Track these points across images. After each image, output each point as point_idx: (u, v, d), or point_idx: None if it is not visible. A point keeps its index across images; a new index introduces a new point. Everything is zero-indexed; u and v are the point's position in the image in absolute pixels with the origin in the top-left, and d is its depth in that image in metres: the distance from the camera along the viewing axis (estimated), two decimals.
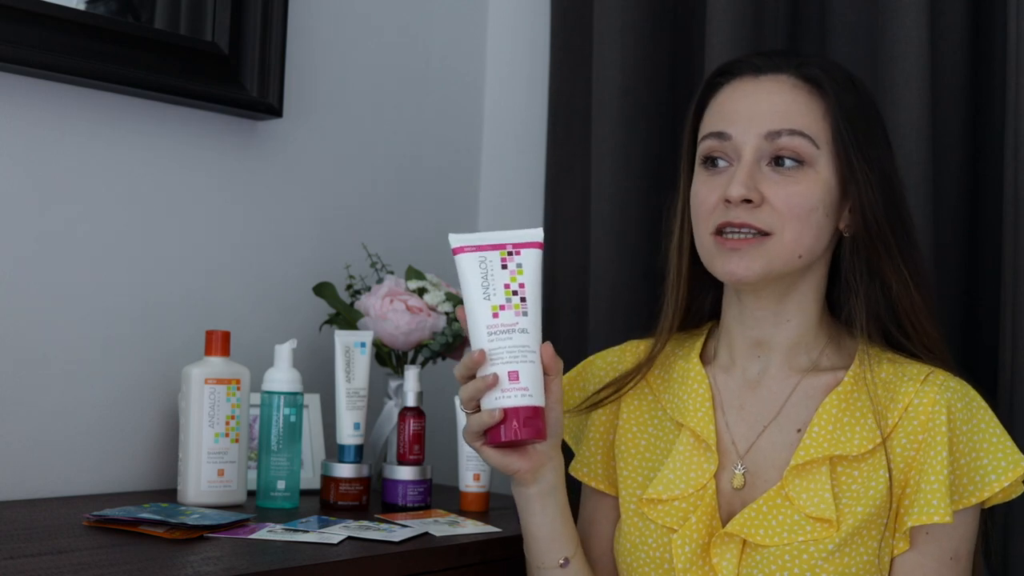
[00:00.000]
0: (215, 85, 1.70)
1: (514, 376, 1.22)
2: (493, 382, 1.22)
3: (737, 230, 1.26)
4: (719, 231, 1.28)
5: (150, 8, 1.67)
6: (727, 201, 1.26)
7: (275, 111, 1.77)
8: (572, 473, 1.42)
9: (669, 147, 1.87)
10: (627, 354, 1.44)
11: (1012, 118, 1.52)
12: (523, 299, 1.24)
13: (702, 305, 1.41)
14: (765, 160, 1.28)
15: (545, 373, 1.25)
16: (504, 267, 1.25)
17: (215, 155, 1.76)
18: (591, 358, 1.47)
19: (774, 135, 1.27)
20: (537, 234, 1.27)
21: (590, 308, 1.87)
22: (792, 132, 1.27)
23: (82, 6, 1.60)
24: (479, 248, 1.26)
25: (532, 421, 1.22)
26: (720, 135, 1.30)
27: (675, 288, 1.37)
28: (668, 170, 1.86)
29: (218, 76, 1.71)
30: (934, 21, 1.61)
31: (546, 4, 2.08)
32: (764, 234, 1.26)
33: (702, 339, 1.40)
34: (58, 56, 1.54)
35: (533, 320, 1.24)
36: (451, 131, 2.10)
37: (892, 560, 1.25)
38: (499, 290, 1.25)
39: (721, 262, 1.28)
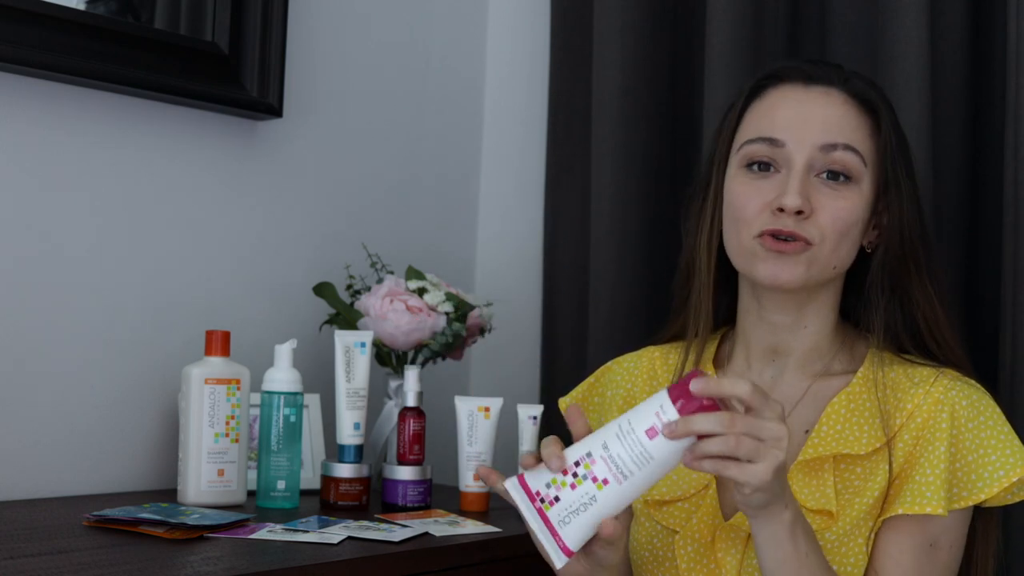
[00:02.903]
0: (215, 85, 1.70)
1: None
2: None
3: (785, 238, 1.26)
4: (770, 236, 1.26)
5: (150, 8, 1.67)
6: (780, 209, 1.26)
7: (275, 111, 1.77)
8: None
9: (669, 147, 1.88)
10: (643, 360, 1.44)
11: (1012, 118, 1.52)
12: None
13: (719, 309, 1.41)
14: (815, 171, 1.28)
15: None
16: None
17: (215, 155, 1.76)
18: (609, 364, 1.48)
19: (829, 148, 1.27)
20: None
21: (590, 308, 1.88)
22: (847, 147, 1.27)
23: (82, 6, 1.60)
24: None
25: None
26: (772, 141, 1.29)
27: (707, 286, 1.35)
28: (668, 170, 1.87)
29: (218, 76, 1.71)
30: (934, 21, 1.61)
31: (546, 4, 2.08)
32: (807, 242, 1.26)
33: (715, 343, 1.41)
34: (58, 56, 1.54)
35: None
36: (451, 131, 2.10)
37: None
38: None
39: (765, 265, 1.27)
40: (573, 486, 1.12)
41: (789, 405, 1.33)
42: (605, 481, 1.11)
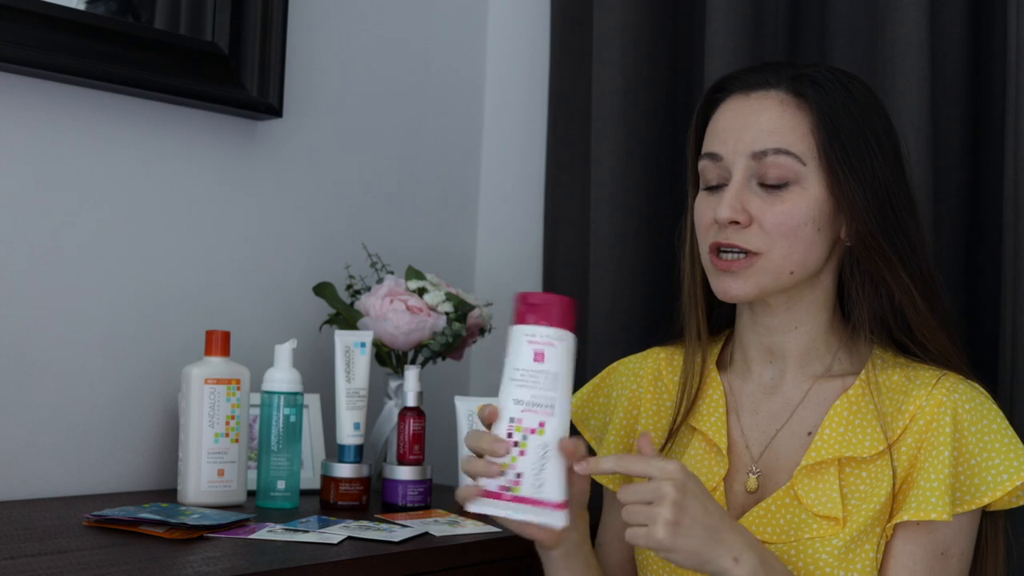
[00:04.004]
0: (215, 85, 1.70)
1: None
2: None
3: (728, 250, 1.29)
4: (715, 250, 1.30)
5: (150, 8, 1.67)
6: (716, 222, 1.28)
7: (275, 111, 1.77)
8: (595, 479, 1.42)
9: (669, 147, 1.88)
10: (648, 361, 1.45)
11: (1012, 118, 1.52)
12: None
13: (720, 312, 1.42)
14: (755, 179, 1.29)
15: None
16: None
17: (215, 155, 1.76)
18: (614, 364, 1.48)
19: (760, 155, 1.28)
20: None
21: (590, 308, 1.87)
22: (777, 151, 1.28)
23: (82, 6, 1.60)
24: None
25: None
26: (712, 156, 1.32)
27: (692, 299, 1.38)
28: (668, 170, 1.87)
29: (218, 76, 1.71)
30: (934, 21, 1.61)
31: (546, 4, 2.08)
32: (753, 254, 1.28)
33: (719, 346, 1.42)
34: (58, 56, 1.54)
35: None
36: (451, 131, 2.10)
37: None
38: None
39: (716, 281, 1.31)
40: (523, 452, 1.14)
41: (790, 407, 1.33)
42: (541, 424, 1.14)
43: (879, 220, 1.28)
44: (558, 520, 1.15)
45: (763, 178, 1.28)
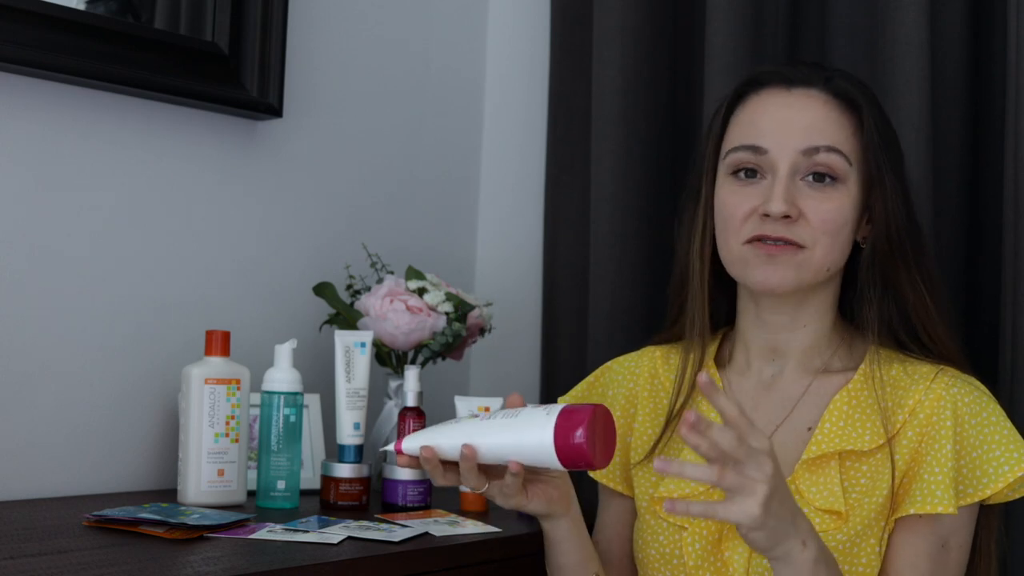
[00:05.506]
0: (215, 85, 1.70)
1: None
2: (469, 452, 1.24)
3: (773, 242, 1.28)
4: (755, 241, 1.28)
5: (150, 8, 1.67)
6: (765, 215, 1.27)
7: (275, 111, 1.77)
8: (593, 476, 1.43)
9: (669, 147, 1.88)
10: (644, 359, 1.45)
11: (1012, 118, 1.52)
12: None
13: (718, 310, 1.42)
14: (800, 175, 1.29)
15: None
16: None
17: (215, 155, 1.76)
18: (609, 363, 1.48)
19: (812, 151, 1.28)
20: None
21: (590, 308, 1.88)
22: (829, 149, 1.28)
23: (82, 6, 1.60)
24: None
25: None
26: (755, 149, 1.30)
27: (700, 294, 1.36)
28: (668, 170, 1.87)
29: (218, 76, 1.71)
30: (934, 21, 1.62)
31: (546, 4, 2.08)
32: (799, 247, 1.27)
33: (716, 343, 1.42)
34: (58, 56, 1.54)
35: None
36: (451, 131, 2.10)
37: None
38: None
39: (756, 271, 1.29)
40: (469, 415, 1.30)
41: (790, 403, 1.34)
42: (482, 413, 1.26)
43: (906, 222, 1.31)
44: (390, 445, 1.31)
45: (811, 174, 1.28)
